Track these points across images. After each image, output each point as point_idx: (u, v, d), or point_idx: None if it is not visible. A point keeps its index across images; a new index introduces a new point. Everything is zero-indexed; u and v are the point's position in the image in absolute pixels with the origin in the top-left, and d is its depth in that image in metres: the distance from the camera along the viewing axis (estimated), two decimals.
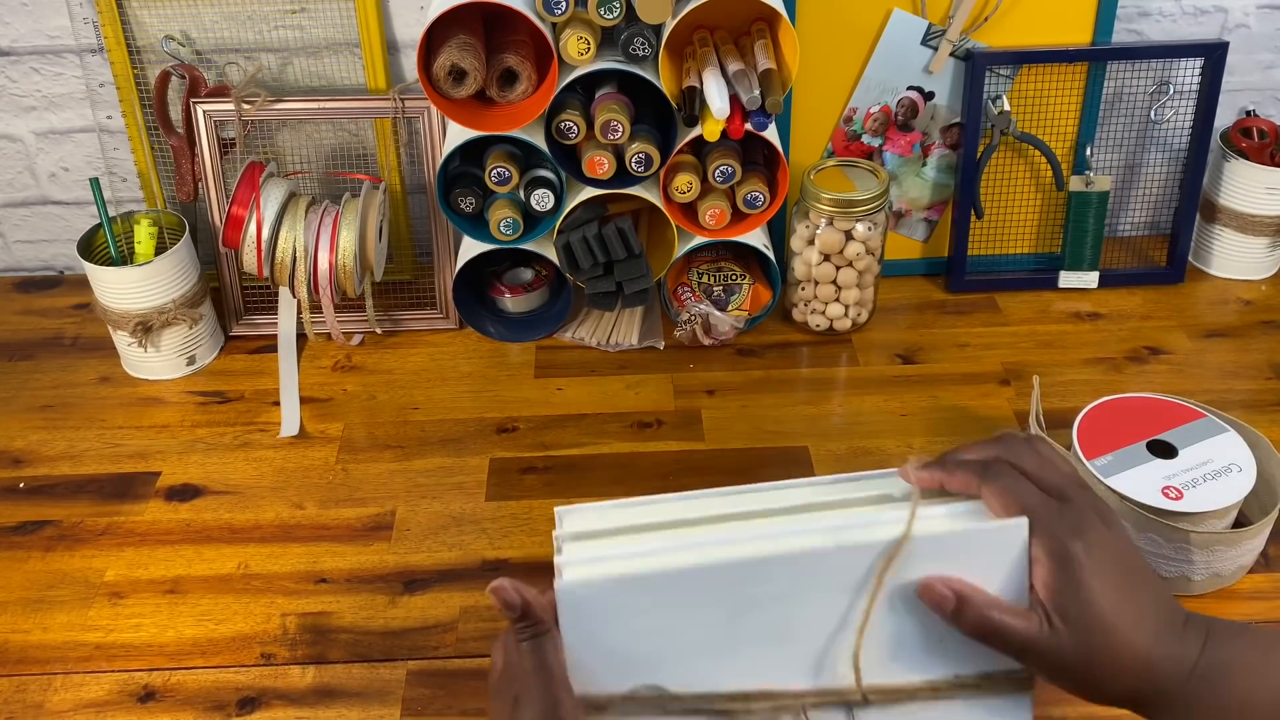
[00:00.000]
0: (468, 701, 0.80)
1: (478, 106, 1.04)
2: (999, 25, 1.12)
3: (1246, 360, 1.10)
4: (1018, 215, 1.22)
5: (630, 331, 1.15)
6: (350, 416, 1.07)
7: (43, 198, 1.26)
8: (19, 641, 0.86)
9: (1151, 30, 1.19)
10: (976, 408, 1.04)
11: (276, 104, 1.10)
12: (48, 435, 1.05)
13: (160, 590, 0.90)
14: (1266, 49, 1.21)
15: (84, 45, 1.16)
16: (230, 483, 1.00)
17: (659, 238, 1.15)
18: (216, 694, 0.82)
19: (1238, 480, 0.86)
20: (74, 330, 1.19)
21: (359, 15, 1.13)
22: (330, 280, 1.09)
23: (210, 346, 1.14)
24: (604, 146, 1.04)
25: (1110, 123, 1.20)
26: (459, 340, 1.16)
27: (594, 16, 0.97)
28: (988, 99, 1.15)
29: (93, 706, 0.81)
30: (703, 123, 1.01)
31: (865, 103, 1.16)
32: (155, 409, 1.08)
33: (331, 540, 0.94)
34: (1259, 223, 1.18)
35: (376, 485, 0.99)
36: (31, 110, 1.20)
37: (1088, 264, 1.19)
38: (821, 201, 1.07)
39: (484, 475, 0.99)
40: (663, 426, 1.04)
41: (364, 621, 0.87)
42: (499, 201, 1.08)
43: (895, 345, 1.13)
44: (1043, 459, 0.60)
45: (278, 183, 1.09)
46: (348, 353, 1.15)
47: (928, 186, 1.21)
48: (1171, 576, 0.85)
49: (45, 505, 0.98)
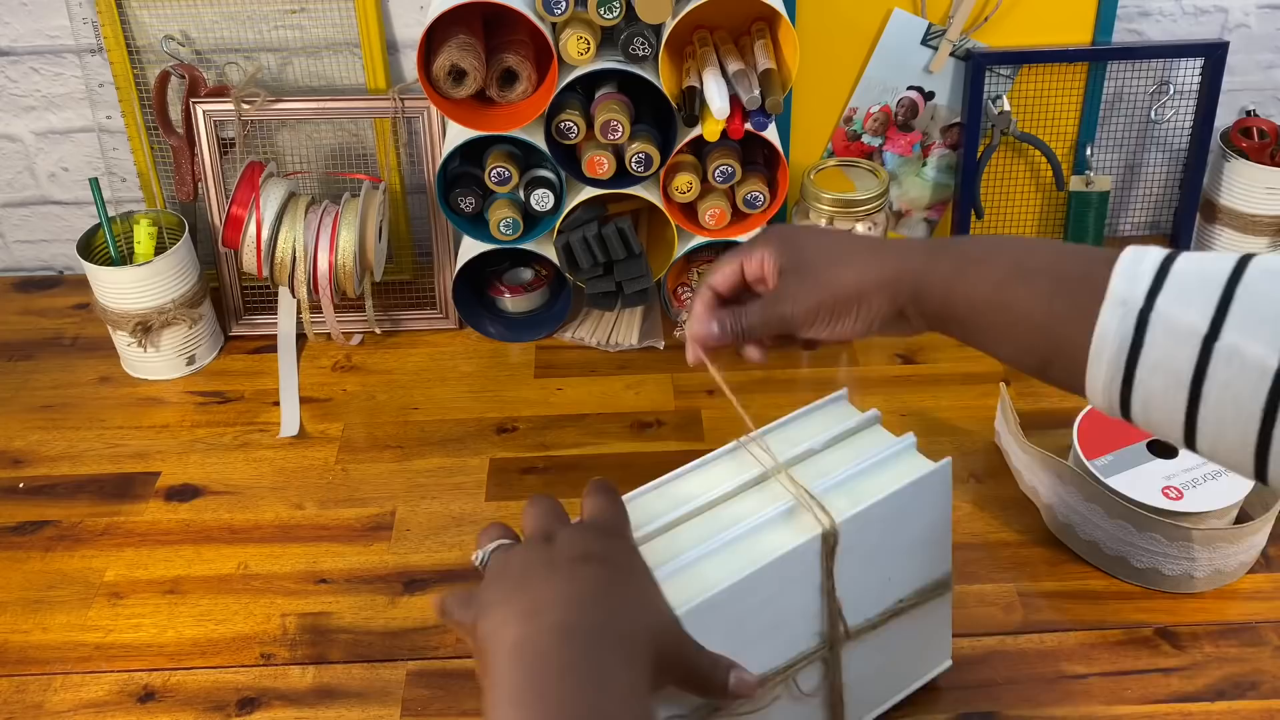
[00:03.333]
0: (467, 702, 0.80)
1: (478, 106, 1.04)
2: (999, 25, 1.12)
3: None
4: (1018, 215, 1.22)
5: (630, 331, 1.15)
6: (350, 416, 1.07)
7: (42, 198, 1.26)
8: (19, 642, 0.86)
9: (1152, 30, 1.19)
10: (976, 408, 1.04)
11: (276, 104, 1.10)
12: (47, 435, 1.05)
13: (160, 590, 0.90)
14: (1267, 49, 1.21)
15: (84, 45, 1.16)
16: (230, 483, 1.00)
17: (659, 238, 1.15)
18: (216, 694, 0.82)
19: (1238, 480, 0.86)
20: (74, 330, 1.19)
21: (359, 15, 1.13)
22: (330, 280, 1.09)
23: (210, 346, 1.14)
24: (604, 146, 1.04)
25: (1110, 123, 1.20)
26: (459, 340, 1.16)
27: (594, 16, 0.97)
28: (988, 99, 1.14)
29: (92, 707, 0.81)
30: (703, 123, 1.01)
31: (865, 103, 1.16)
32: (155, 409, 1.08)
33: (331, 540, 0.94)
34: (1259, 223, 1.18)
35: (376, 485, 0.99)
36: (31, 110, 1.20)
37: None
38: (821, 201, 1.07)
39: (484, 475, 0.99)
40: (663, 426, 1.04)
41: (364, 622, 0.87)
42: (499, 201, 1.08)
43: (895, 345, 1.13)
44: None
45: (277, 183, 1.09)
46: (347, 353, 1.15)
47: (928, 186, 1.21)
48: (1174, 575, 0.85)
49: (45, 505, 0.98)
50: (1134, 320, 0.53)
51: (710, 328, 0.69)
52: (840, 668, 0.72)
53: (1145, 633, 0.84)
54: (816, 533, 0.66)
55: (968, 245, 0.63)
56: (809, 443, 0.73)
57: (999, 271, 0.60)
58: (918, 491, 0.71)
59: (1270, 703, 0.78)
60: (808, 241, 0.68)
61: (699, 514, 0.69)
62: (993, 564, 0.89)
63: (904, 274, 0.63)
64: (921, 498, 0.71)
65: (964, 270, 0.61)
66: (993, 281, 0.60)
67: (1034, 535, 0.91)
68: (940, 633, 0.79)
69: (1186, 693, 0.79)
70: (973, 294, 0.60)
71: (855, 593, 0.70)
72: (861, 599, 0.71)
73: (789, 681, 0.69)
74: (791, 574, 0.66)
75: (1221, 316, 0.50)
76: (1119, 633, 0.84)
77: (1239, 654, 0.82)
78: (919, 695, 0.79)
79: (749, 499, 0.70)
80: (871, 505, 0.68)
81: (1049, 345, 0.57)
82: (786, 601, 0.67)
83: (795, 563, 0.66)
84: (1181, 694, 0.79)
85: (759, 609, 0.65)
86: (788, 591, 0.67)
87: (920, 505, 0.72)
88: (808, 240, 0.68)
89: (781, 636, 0.68)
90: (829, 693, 0.72)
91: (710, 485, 0.71)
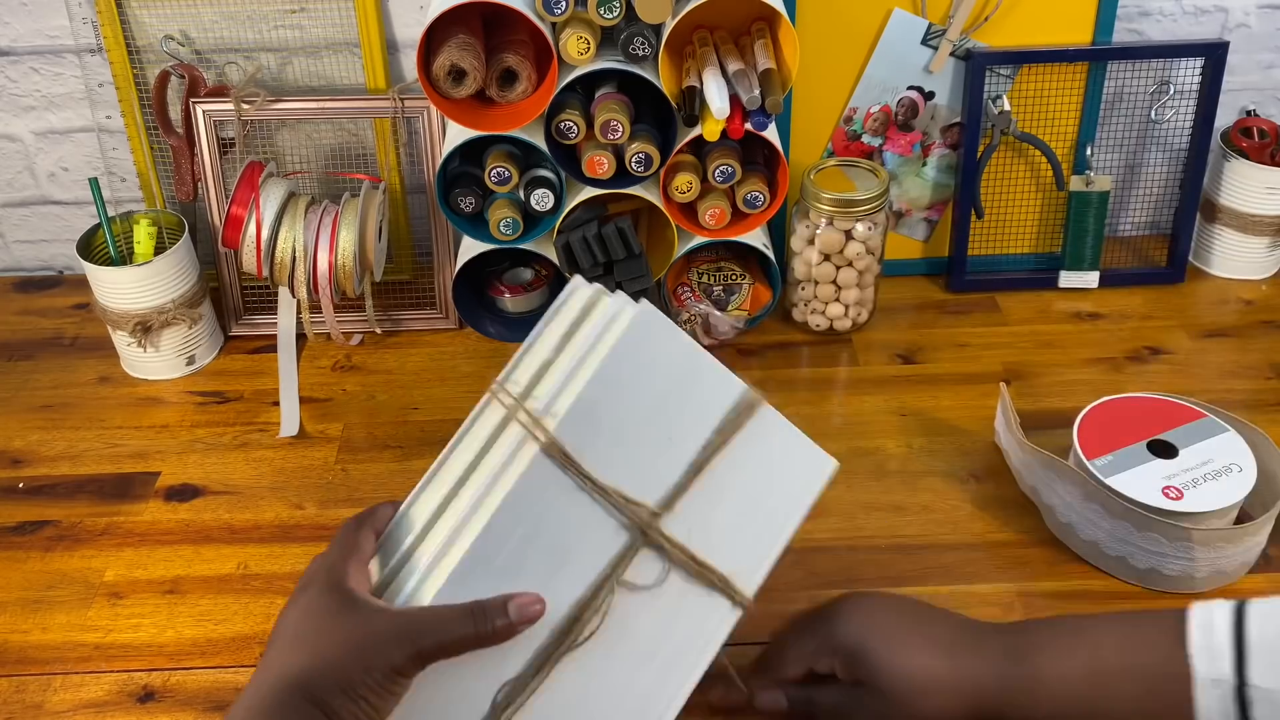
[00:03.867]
0: None
1: (478, 106, 1.04)
2: (999, 25, 1.12)
3: (1247, 360, 1.10)
4: (1018, 215, 1.22)
5: None
6: (350, 416, 1.07)
7: (42, 197, 1.26)
8: (18, 642, 0.86)
9: (1152, 30, 1.19)
10: (976, 408, 1.04)
11: (276, 104, 1.10)
12: (47, 435, 1.05)
13: (160, 590, 0.90)
14: (1267, 49, 1.20)
15: (83, 45, 1.15)
16: (230, 483, 0.99)
17: (659, 238, 1.15)
18: (216, 694, 0.81)
19: (1238, 480, 0.86)
20: (73, 330, 1.19)
21: (359, 15, 1.13)
22: (330, 280, 1.09)
23: (210, 346, 1.14)
24: (604, 146, 1.04)
25: (1110, 123, 1.20)
26: (459, 340, 1.16)
27: (594, 16, 0.97)
28: (988, 99, 1.14)
29: (92, 707, 0.81)
30: (703, 123, 1.01)
31: (865, 102, 1.16)
32: (155, 409, 1.08)
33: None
34: (1259, 222, 1.18)
35: (376, 485, 0.99)
36: (31, 110, 1.20)
37: (1088, 264, 1.19)
38: (821, 201, 1.07)
39: None
40: None
41: None
42: (499, 201, 1.08)
43: (895, 345, 1.13)
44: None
45: (277, 183, 1.09)
46: (347, 353, 1.15)
47: (928, 186, 1.21)
48: (1175, 575, 0.85)
49: (45, 505, 0.98)
50: (1234, 700, 0.53)
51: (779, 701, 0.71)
52: (675, 540, 0.67)
53: None
54: (535, 450, 0.63)
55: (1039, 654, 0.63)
56: (543, 355, 0.69)
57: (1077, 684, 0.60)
58: (633, 346, 0.66)
59: None
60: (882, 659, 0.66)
61: (459, 489, 0.67)
62: (993, 564, 0.89)
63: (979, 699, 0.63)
64: (642, 349, 0.66)
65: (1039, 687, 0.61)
66: (1074, 696, 0.60)
67: (1034, 535, 0.91)
68: (793, 443, 0.71)
69: None
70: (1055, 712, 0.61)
71: (634, 471, 0.66)
72: (648, 472, 0.66)
73: (614, 588, 0.65)
74: (541, 497, 0.63)
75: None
76: None
77: None
78: None
79: (493, 455, 0.67)
80: (584, 388, 0.64)
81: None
82: (554, 523, 0.64)
83: (535, 487, 0.63)
84: None
85: (526, 548, 0.63)
86: (549, 514, 0.64)
87: (647, 356, 0.66)
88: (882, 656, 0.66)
89: (578, 554, 0.65)
90: (687, 566, 0.67)
91: (467, 458, 0.68)
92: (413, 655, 0.59)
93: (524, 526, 0.63)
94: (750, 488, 0.70)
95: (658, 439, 0.67)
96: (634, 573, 0.66)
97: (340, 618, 0.60)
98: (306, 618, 0.61)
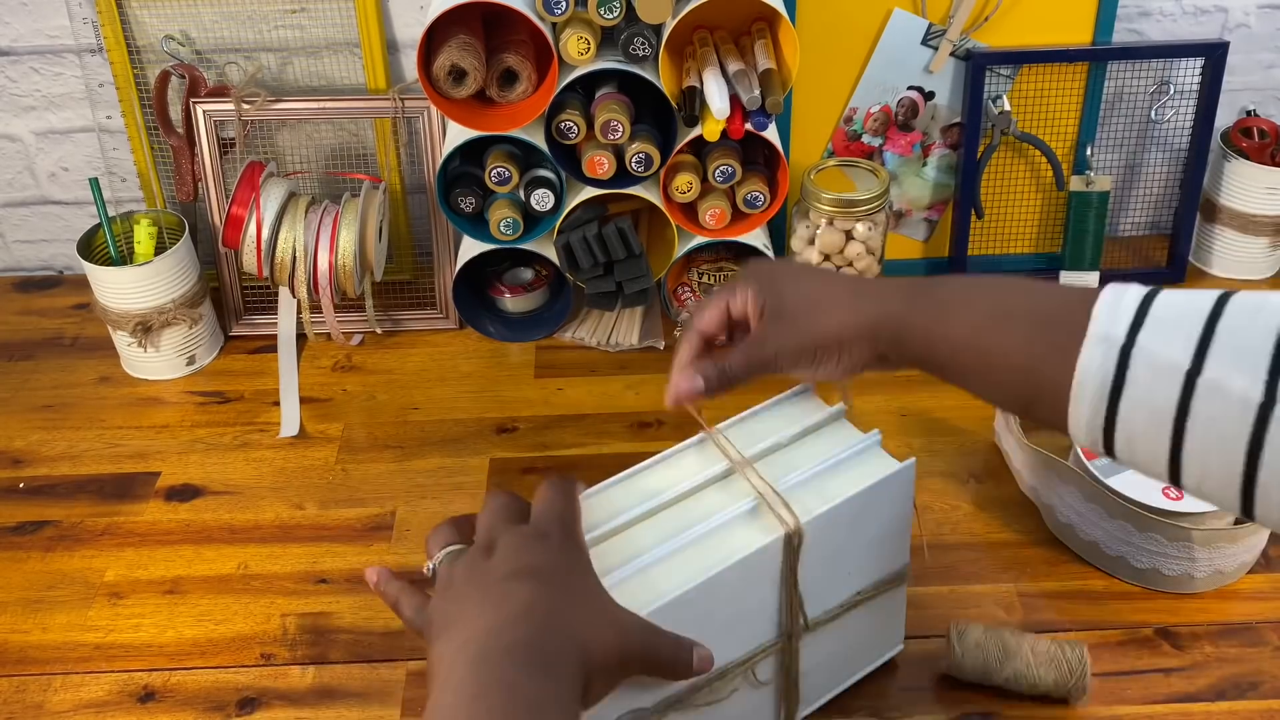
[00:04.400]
0: None
1: (478, 106, 1.04)
2: (999, 25, 1.12)
3: None
4: (1018, 215, 1.22)
5: (630, 331, 1.15)
6: (350, 416, 1.07)
7: (42, 198, 1.26)
8: (19, 642, 0.86)
9: (1152, 30, 1.19)
10: (976, 408, 1.04)
11: (276, 104, 1.10)
12: (47, 435, 1.05)
13: (160, 590, 0.90)
14: (1267, 49, 1.20)
15: (84, 45, 1.15)
16: (230, 483, 1.00)
17: (659, 238, 1.15)
18: (216, 694, 0.82)
19: None
20: (74, 330, 1.19)
21: (359, 15, 1.13)
22: (330, 280, 1.09)
23: (210, 346, 1.14)
24: (604, 146, 1.04)
25: (1110, 123, 1.20)
26: (459, 340, 1.16)
27: (594, 16, 0.97)
28: (988, 99, 1.14)
29: (92, 707, 0.81)
30: (703, 123, 1.01)
31: (865, 103, 1.16)
32: (155, 409, 1.08)
33: (331, 540, 0.94)
34: (1259, 222, 1.18)
35: (376, 485, 0.99)
36: (31, 110, 1.20)
37: (1088, 264, 1.19)
38: (822, 201, 1.07)
39: (484, 475, 0.99)
40: (663, 426, 1.04)
41: (364, 622, 0.86)
42: (499, 201, 1.08)
43: None
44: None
45: (278, 183, 1.09)
46: (348, 353, 1.15)
47: (928, 186, 1.21)
48: (1174, 575, 0.85)
49: (45, 505, 0.98)
50: (1116, 357, 0.52)
51: (696, 384, 0.69)
52: (797, 657, 0.73)
53: (1146, 633, 0.84)
54: (781, 534, 0.67)
55: (946, 289, 0.63)
56: (775, 437, 0.73)
57: (978, 315, 0.60)
58: (882, 490, 0.71)
59: (1270, 703, 0.78)
60: (790, 284, 0.68)
61: (661, 510, 0.69)
62: (993, 564, 0.89)
63: (884, 320, 0.64)
64: (885, 496, 0.72)
65: (943, 315, 0.61)
66: (972, 325, 0.60)
67: (1034, 535, 0.91)
68: (894, 618, 0.80)
69: (1187, 693, 0.79)
70: (952, 338, 0.61)
71: (816, 587, 0.71)
72: (822, 592, 0.72)
73: (748, 672, 0.70)
74: (754, 573, 0.67)
75: (1203, 351, 0.50)
76: (1119, 633, 0.84)
77: (1239, 654, 0.82)
78: (919, 695, 0.79)
79: (712, 495, 0.70)
80: (837, 505, 0.69)
81: (1030, 386, 0.57)
82: (748, 598, 0.68)
83: (758, 562, 0.67)
84: (1182, 694, 0.79)
85: (721, 606, 0.66)
86: (749, 589, 0.68)
87: (883, 503, 0.72)
88: (790, 283, 0.69)
89: (742, 631, 0.69)
90: (784, 681, 0.73)
91: (674, 480, 0.71)
92: (625, 652, 0.58)
93: (731, 589, 0.66)
94: (851, 639, 0.77)
95: (842, 570, 0.73)
96: (760, 667, 0.71)
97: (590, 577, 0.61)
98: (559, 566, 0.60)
